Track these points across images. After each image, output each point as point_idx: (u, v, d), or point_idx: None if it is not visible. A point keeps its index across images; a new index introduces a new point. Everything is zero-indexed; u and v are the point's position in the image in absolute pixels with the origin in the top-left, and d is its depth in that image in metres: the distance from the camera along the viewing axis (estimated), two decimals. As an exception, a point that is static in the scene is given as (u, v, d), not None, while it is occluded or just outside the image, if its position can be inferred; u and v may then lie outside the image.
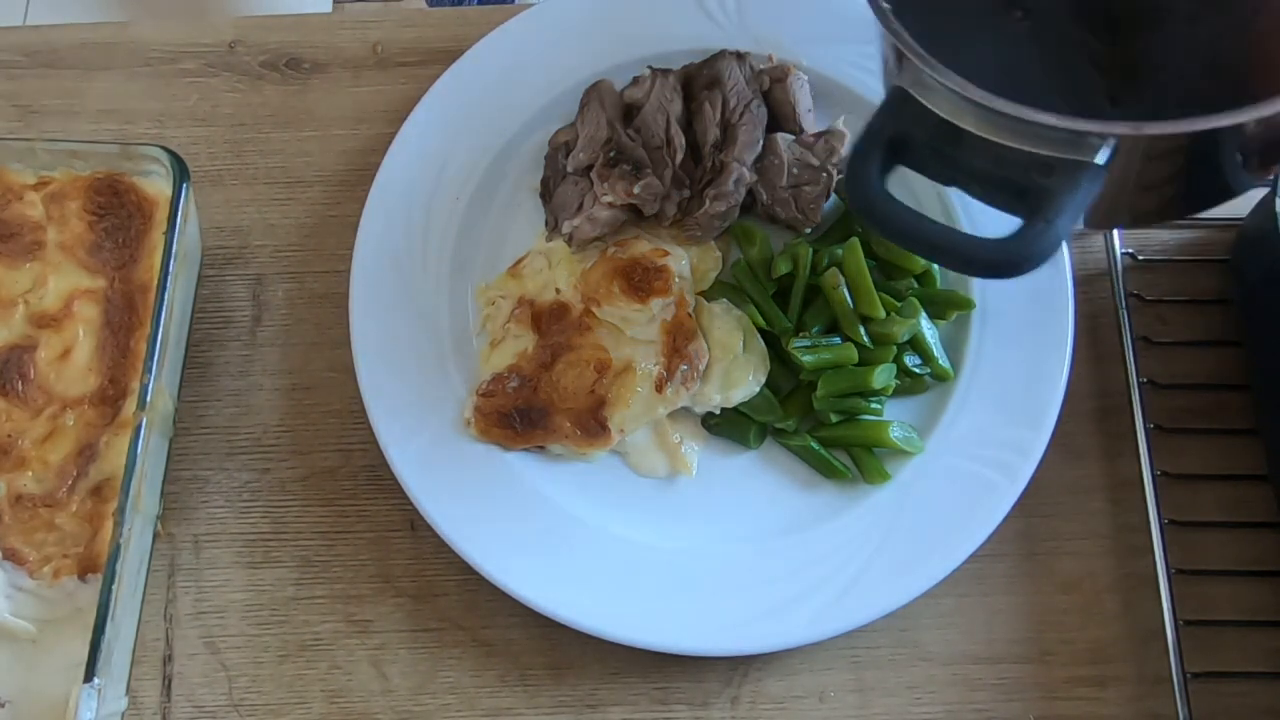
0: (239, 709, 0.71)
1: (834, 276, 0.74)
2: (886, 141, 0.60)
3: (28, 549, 0.69)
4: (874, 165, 0.59)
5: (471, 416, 0.74)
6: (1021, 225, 0.56)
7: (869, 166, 0.59)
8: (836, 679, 0.71)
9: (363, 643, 0.73)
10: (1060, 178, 0.55)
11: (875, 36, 0.63)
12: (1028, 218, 0.56)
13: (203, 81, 0.87)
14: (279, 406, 0.78)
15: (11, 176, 0.77)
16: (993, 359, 0.75)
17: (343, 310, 0.76)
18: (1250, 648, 0.71)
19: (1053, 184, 0.56)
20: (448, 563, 0.72)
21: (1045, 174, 0.56)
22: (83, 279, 0.75)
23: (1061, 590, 0.73)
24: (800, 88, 0.79)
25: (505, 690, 0.72)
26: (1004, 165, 0.57)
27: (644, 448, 0.75)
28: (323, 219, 0.83)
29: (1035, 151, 0.56)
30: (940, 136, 0.58)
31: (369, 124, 0.86)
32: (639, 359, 0.75)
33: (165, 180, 0.76)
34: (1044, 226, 0.55)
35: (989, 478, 0.71)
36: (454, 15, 0.90)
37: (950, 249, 0.59)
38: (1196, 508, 0.73)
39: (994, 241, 0.57)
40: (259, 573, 0.74)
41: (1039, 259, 0.56)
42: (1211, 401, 0.76)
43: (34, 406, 0.72)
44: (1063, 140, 0.55)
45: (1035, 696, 0.71)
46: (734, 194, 0.76)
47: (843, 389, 0.73)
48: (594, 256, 0.78)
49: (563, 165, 0.79)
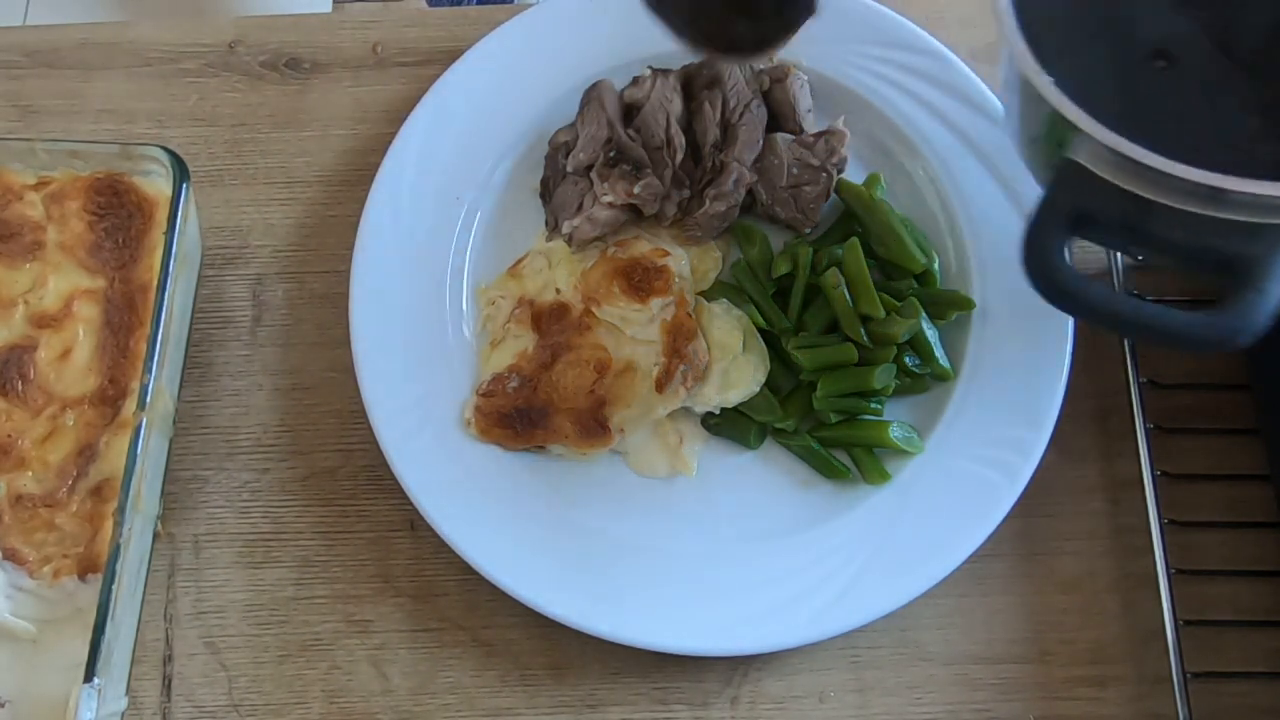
0: (239, 709, 0.71)
1: (834, 276, 0.74)
2: (1067, 218, 0.57)
3: (28, 549, 0.69)
4: (1056, 243, 0.57)
5: (471, 416, 0.74)
6: (1231, 294, 0.54)
7: (1051, 245, 0.56)
8: (836, 679, 0.71)
9: (363, 643, 0.73)
10: (1266, 242, 0.53)
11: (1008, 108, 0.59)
12: (1235, 286, 0.54)
13: (203, 81, 0.87)
14: (279, 406, 0.78)
15: (11, 176, 0.77)
16: (993, 359, 0.75)
17: (343, 310, 0.76)
18: (1250, 648, 0.71)
19: (1258, 250, 0.53)
20: (448, 563, 0.72)
21: (1248, 241, 0.53)
22: (83, 279, 0.75)
23: (1061, 590, 0.73)
24: (800, 88, 0.79)
25: (505, 690, 0.72)
26: (1201, 235, 0.55)
27: (644, 448, 0.75)
28: (323, 219, 0.83)
29: (1236, 219, 0.53)
30: (1125, 210, 0.56)
31: (369, 124, 0.86)
32: (639, 359, 0.75)
33: (165, 180, 0.76)
34: (1255, 296, 0.53)
35: (989, 478, 0.71)
36: (454, 15, 0.90)
37: (1159, 329, 0.56)
38: (1196, 508, 0.73)
39: (1206, 318, 0.54)
40: (259, 573, 0.74)
41: (1255, 329, 0.54)
42: (1211, 401, 0.76)
43: (34, 406, 0.72)
44: (1260, 205, 0.53)
45: (1035, 696, 0.71)
46: (734, 194, 0.76)
47: (843, 389, 0.73)
48: (594, 256, 0.78)
49: (563, 165, 0.79)
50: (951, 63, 0.81)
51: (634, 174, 0.76)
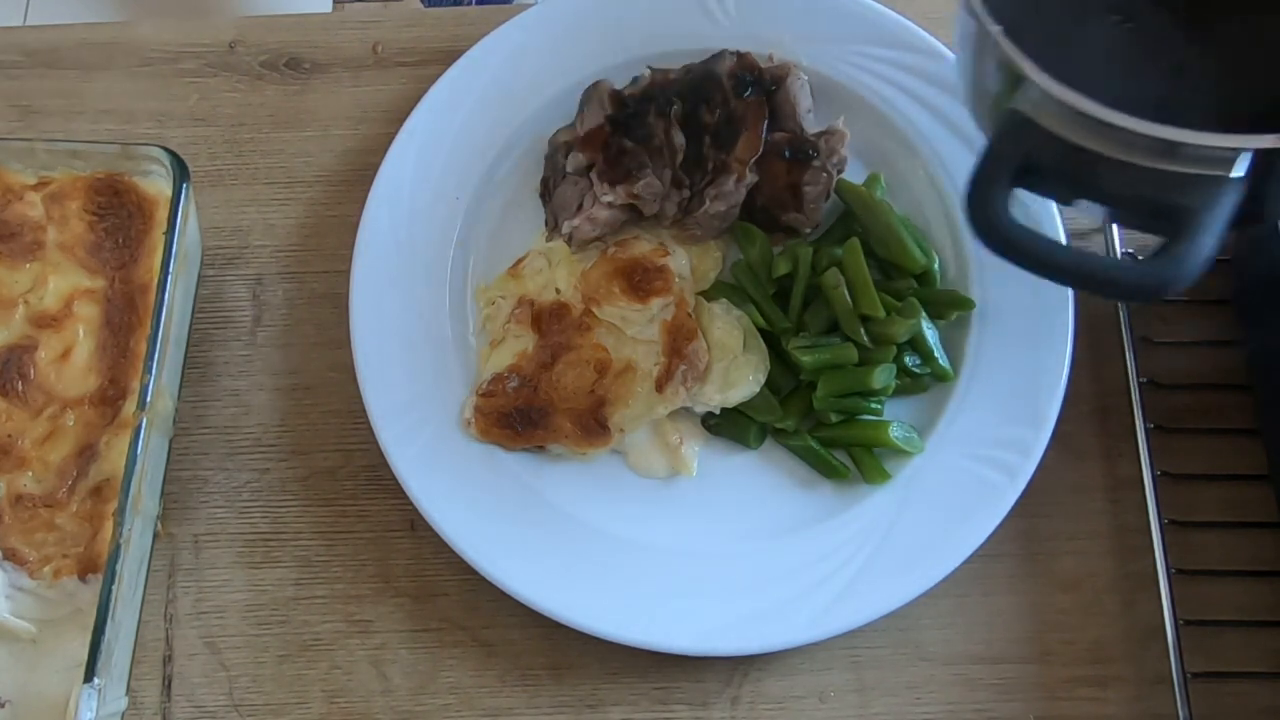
0: (239, 709, 0.71)
1: (834, 276, 0.74)
2: (1011, 168, 0.57)
3: (28, 549, 0.69)
4: (1000, 194, 0.57)
5: (471, 416, 0.74)
6: (1163, 245, 0.54)
7: (995, 196, 0.57)
8: (836, 679, 0.71)
9: (363, 643, 0.73)
10: (1199, 194, 0.53)
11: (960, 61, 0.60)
12: (1171, 237, 0.54)
13: (203, 81, 0.87)
14: (279, 406, 0.78)
15: (11, 176, 0.77)
16: (993, 359, 0.75)
17: (343, 310, 0.76)
18: (1250, 648, 0.71)
19: (1192, 201, 0.53)
20: (448, 563, 0.72)
21: (1183, 192, 0.54)
22: (83, 279, 0.75)
23: (1062, 590, 0.73)
24: (800, 88, 0.79)
25: (505, 690, 0.72)
26: (1138, 186, 0.55)
27: (644, 448, 0.75)
28: (323, 219, 0.83)
29: (1172, 169, 0.54)
30: (1068, 160, 0.56)
31: (369, 124, 0.86)
32: (639, 359, 0.75)
33: (165, 180, 0.76)
34: (1187, 246, 0.53)
35: (989, 477, 0.71)
36: (454, 15, 0.90)
37: (1093, 275, 0.57)
38: (1196, 508, 0.73)
39: (1138, 266, 0.55)
40: (259, 573, 0.74)
41: (1185, 280, 0.54)
42: (1211, 401, 0.76)
43: (34, 406, 0.72)
44: (1202, 156, 0.53)
45: (1035, 696, 0.71)
46: (734, 194, 0.76)
47: (843, 389, 0.73)
48: (594, 256, 0.78)
49: (563, 165, 0.79)
50: (951, 63, 0.81)
51: (634, 174, 0.76)
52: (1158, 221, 0.55)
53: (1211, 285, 0.79)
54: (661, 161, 0.77)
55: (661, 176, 0.77)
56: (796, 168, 0.77)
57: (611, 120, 0.79)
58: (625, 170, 0.76)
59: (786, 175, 0.77)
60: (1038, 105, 0.56)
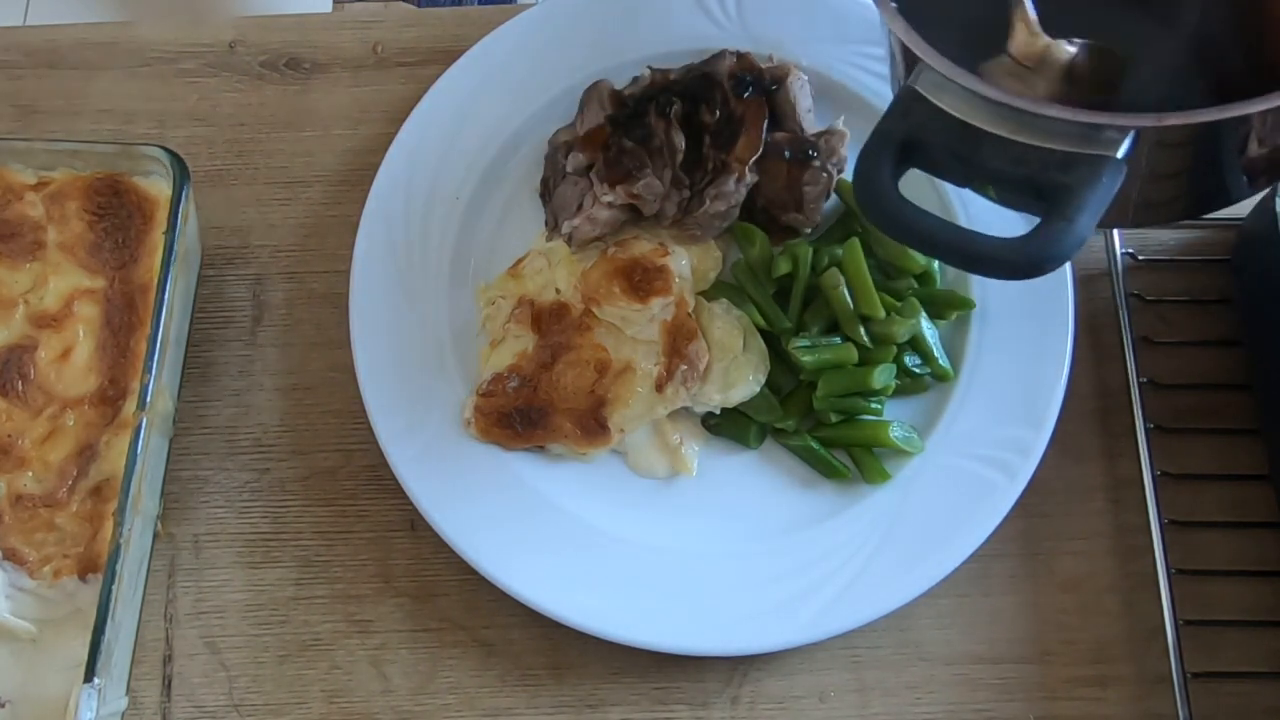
0: (239, 709, 0.71)
1: (834, 276, 0.74)
2: (898, 144, 0.58)
3: (28, 549, 0.69)
4: (885, 168, 0.58)
5: (471, 416, 0.74)
6: (1040, 223, 0.54)
7: (880, 169, 0.58)
8: (836, 679, 0.71)
9: (363, 643, 0.73)
10: (1080, 173, 0.54)
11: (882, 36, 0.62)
12: (1047, 216, 0.54)
13: (203, 81, 0.87)
14: (279, 406, 0.78)
15: (11, 176, 0.77)
16: (993, 359, 0.75)
17: (343, 310, 0.76)
18: (1250, 648, 0.71)
19: (1072, 180, 0.54)
20: (448, 563, 0.72)
21: (1064, 171, 0.54)
22: (83, 279, 0.75)
23: (1062, 590, 0.73)
24: (800, 88, 0.79)
25: (505, 690, 0.72)
26: (1021, 164, 0.56)
27: (644, 448, 0.75)
28: (323, 219, 0.83)
29: (1054, 148, 0.54)
30: (954, 137, 0.57)
31: (369, 124, 0.86)
32: (639, 359, 0.75)
33: (165, 180, 0.76)
34: (1065, 225, 0.53)
35: (989, 477, 0.71)
36: (454, 15, 0.90)
37: (966, 250, 0.57)
38: (1196, 508, 0.73)
39: (1012, 241, 0.55)
40: (259, 573, 0.74)
41: (1060, 258, 0.54)
42: (1211, 401, 0.76)
43: (34, 406, 0.72)
44: (1082, 135, 0.54)
45: (1035, 696, 0.71)
46: (734, 194, 0.76)
47: (843, 389, 0.73)
48: (594, 256, 0.78)
49: (563, 165, 0.79)
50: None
51: (634, 174, 0.76)
52: (1038, 202, 0.56)
53: (1212, 285, 0.79)
54: (661, 161, 0.77)
55: (661, 176, 0.77)
56: (796, 168, 0.77)
57: (611, 120, 0.79)
58: (625, 170, 0.76)
59: (786, 175, 0.77)
60: (929, 83, 0.57)
